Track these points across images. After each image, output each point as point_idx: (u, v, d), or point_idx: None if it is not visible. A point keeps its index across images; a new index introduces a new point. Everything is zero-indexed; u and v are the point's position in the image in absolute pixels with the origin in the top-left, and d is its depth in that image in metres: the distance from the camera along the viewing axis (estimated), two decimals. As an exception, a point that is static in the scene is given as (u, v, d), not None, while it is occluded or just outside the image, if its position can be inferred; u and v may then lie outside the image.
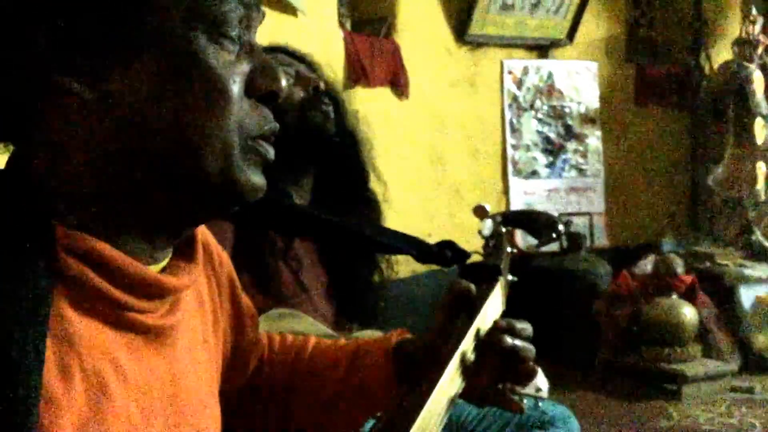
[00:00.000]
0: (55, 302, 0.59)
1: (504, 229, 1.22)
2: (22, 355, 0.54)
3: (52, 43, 0.62)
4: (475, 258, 1.20)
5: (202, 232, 0.80)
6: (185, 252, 0.74)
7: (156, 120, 0.63)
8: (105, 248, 0.62)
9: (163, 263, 0.70)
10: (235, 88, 0.66)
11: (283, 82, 0.71)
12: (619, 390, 3.49)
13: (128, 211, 0.65)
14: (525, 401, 1.38)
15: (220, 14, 0.66)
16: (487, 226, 1.18)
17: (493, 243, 1.18)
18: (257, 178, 0.69)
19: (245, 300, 0.93)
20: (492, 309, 0.95)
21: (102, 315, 0.62)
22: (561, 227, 1.33)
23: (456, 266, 1.30)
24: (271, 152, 0.71)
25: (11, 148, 0.68)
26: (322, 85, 1.51)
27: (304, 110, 1.48)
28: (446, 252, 1.26)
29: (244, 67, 0.68)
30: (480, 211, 1.20)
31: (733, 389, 3.48)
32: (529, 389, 2.63)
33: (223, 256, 0.88)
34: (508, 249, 1.17)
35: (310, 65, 1.59)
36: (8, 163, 0.66)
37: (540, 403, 2.25)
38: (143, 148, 0.64)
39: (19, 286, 0.57)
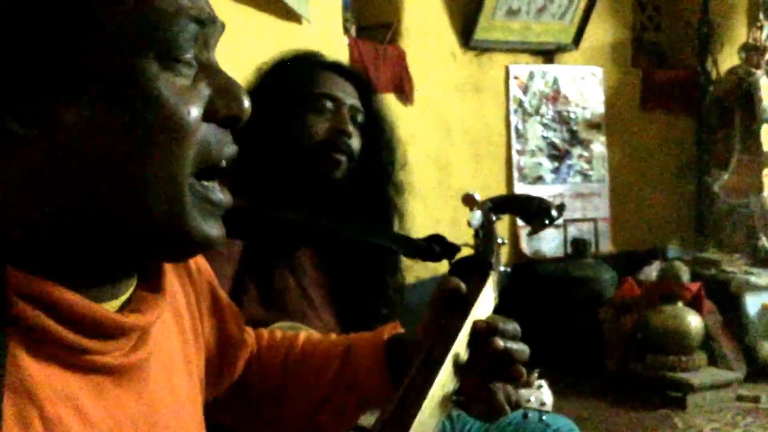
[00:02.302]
0: (11, 351, 0.56)
1: (495, 218, 1.18)
2: None
3: None
4: (466, 250, 1.17)
5: None
6: (151, 282, 0.70)
7: (101, 162, 0.59)
8: (59, 292, 0.59)
9: (125, 296, 0.67)
10: (192, 117, 0.61)
11: (246, 104, 0.65)
12: (624, 398, 3.47)
13: (78, 253, 0.62)
14: (530, 414, 1.36)
15: (171, 37, 0.60)
16: (476, 216, 1.14)
17: (483, 233, 1.14)
18: (212, 231, 0.64)
19: (225, 298, 0.91)
20: (484, 304, 0.93)
21: (61, 360, 0.59)
22: (554, 212, 1.29)
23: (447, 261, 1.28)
24: (225, 198, 0.66)
25: None
26: (349, 140, 1.50)
27: (319, 151, 1.48)
28: (435, 247, 1.24)
29: (203, 91, 0.63)
30: (469, 200, 1.16)
31: (739, 398, 3.46)
32: (534, 403, 2.61)
33: (199, 261, 0.86)
34: (499, 240, 1.14)
35: (365, 85, 1.59)
36: None
37: (544, 417, 2.23)
38: (87, 192, 0.60)
39: None
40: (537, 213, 1.28)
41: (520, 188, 4.21)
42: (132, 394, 0.66)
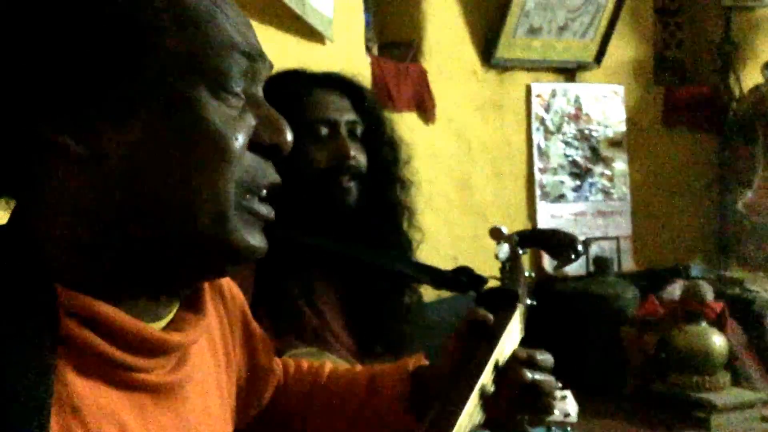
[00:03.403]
0: (58, 368, 0.58)
1: (521, 251, 1.19)
2: (26, 429, 0.53)
3: (43, 98, 0.60)
4: (493, 282, 1.18)
5: None
6: (192, 304, 0.72)
7: (150, 179, 0.61)
8: (106, 310, 0.61)
9: (168, 318, 0.69)
10: (238, 144, 0.64)
11: (289, 137, 0.69)
12: (647, 419, 3.43)
13: (125, 270, 0.64)
14: (553, 430, 1.35)
15: (223, 69, 0.64)
16: (503, 249, 1.16)
17: (510, 266, 1.16)
18: (255, 240, 0.67)
19: (257, 327, 0.92)
20: (511, 337, 0.94)
21: (106, 377, 0.61)
22: (580, 247, 1.31)
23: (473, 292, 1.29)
24: (270, 212, 0.69)
25: (13, 203, 0.66)
26: (353, 161, 1.49)
27: (325, 179, 1.47)
28: (462, 278, 1.25)
29: (249, 121, 0.66)
30: (496, 233, 1.18)
31: (764, 419, 3.41)
32: (558, 414, 2.59)
33: (233, 288, 0.88)
34: (526, 273, 1.15)
35: (356, 91, 1.57)
36: (10, 219, 0.65)
37: (568, 429, 2.21)
38: (136, 208, 0.62)
39: (23, 353, 0.55)
40: (563, 248, 1.29)
41: (542, 206, 4.20)
42: (171, 413, 0.67)
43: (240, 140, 0.64)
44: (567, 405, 2.46)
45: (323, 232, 1.40)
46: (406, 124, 3.47)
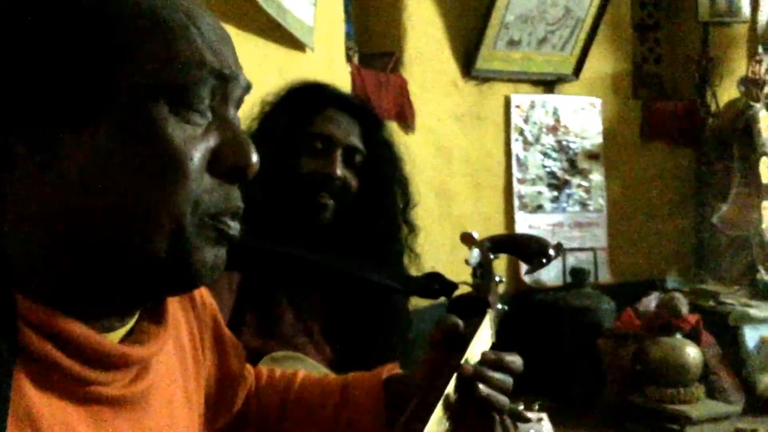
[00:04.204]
0: (16, 379, 0.57)
1: (493, 256, 1.19)
2: None
3: (2, 106, 0.58)
4: (465, 288, 1.18)
5: None
6: (154, 314, 0.71)
7: (103, 191, 0.60)
8: (65, 322, 0.60)
9: (127, 327, 0.67)
10: (194, 163, 0.62)
11: (254, 158, 0.66)
12: (623, 431, 3.45)
13: (82, 282, 0.62)
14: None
15: (188, 86, 0.62)
16: (474, 255, 1.15)
17: (481, 272, 1.15)
18: (213, 257, 0.65)
19: (228, 334, 0.92)
20: (482, 342, 0.94)
21: (64, 389, 0.60)
22: (552, 252, 1.31)
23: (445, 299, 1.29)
24: (234, 228, 0.66)
25: None
26: (338, 180, 1.49)
27: (305, 192, 1.47)
28: (433, 284, 1.25)
29: (211, 141, 0.64)
30: (467, 239, 1.17)
31: (737, 431, 3.44)
32: (531, 435, 2.54)
33: (204, 294, 0.87)
34: (497, 278, 1.15)
35: (370, 121, 1.56)
36: None
37: (544, 451, 2.20)
38: (91, 219, 0.61)
39: None
40: (535, 253, 1.29)
41: (521, 217, 4.22)
42: (131, 425, 0.66)
43: (197, 160, 0.62)
44: (543, 428, 2.46)
45: (299, 241, 1.40)
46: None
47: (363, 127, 1.55)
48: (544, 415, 2.28)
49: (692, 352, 3.51)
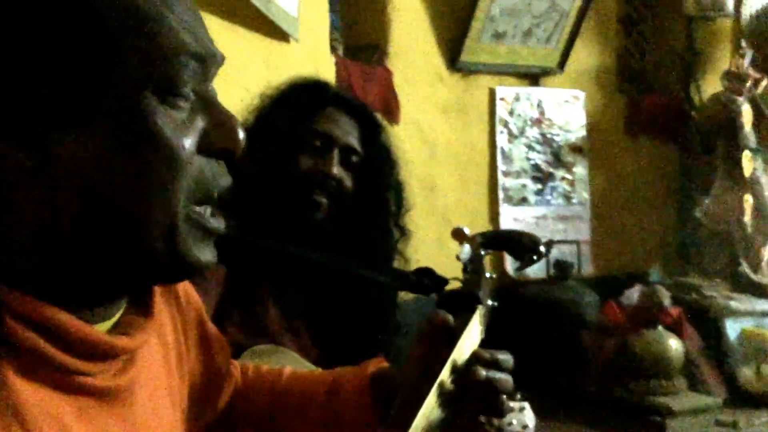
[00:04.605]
0: (0, 370, 0.57)
1: (483, 252, 1.20)
2: None
3: None
4: (455, 283, 1.18)
5: None
6: (141, 306, 0.71)
7: (99, 190, 0.61)
8: (51, 311, 0.60)
9: (115, 318, 0.68)
10: (186, 150, 0.63)
11: (241, 137, 0.67)
12: (606, 423, 3.47)
13: (74, 276, 0.63)
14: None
15: (172, 73, 0.63)
16: (465, 250, 1.16)
17: (472, 267, 1.16)
18: (203, 256, 0.66)
19: (213, 330, 0.92)
20: (471, 339, 0.94)
21: (49, 380, 0.60)
22: (542, 248, 1.32)
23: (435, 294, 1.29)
24: (219, 225, 0.67)
25: None
26: (333, 180, 1.49)
27: (301, 190, 1.47)
28: (423, 280, 1.25)
29: (198, 123, 0.65)
30: (458, 235, 1.18)
31: (718, 423, 3.46)
32: (516, 426, 2.60)
33: (189, 290, 0.87)
34: (488, 274, 1.15)
35: (369, 123, 1.56)
36: None
37: (526, 439, 2.22)
38: (86, 218, 0.61)
39: None
40: (526, 249, 1.30)
41: (505, 210, 4.23)
42: (117, 417, 0.66)
43: (188, 145, 0.63)
44: (525, 417, 2.48)
45: (292, 238, 1.40)
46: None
47: (362, 129, 1.56)
48: (526, 404, 2.30)
49: (674, 345, 3.54)
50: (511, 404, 1.99)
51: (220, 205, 0.68)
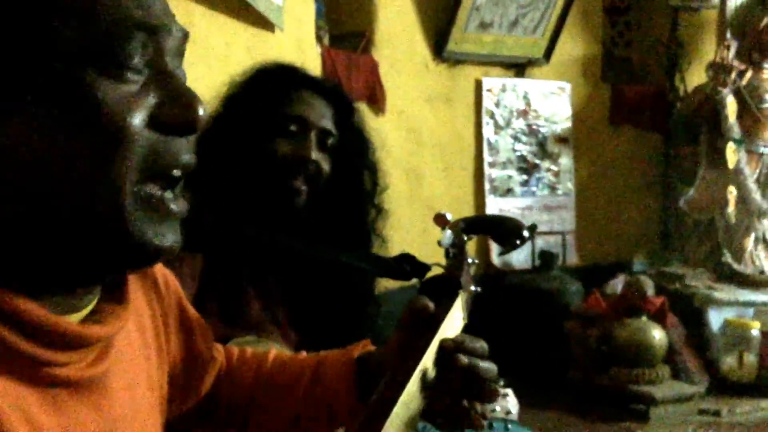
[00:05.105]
0: None
1: (466, 238, 1.19)
2: None
3: None
4: (437, 269, 1.18)
5: None
6: (114, 294, 0.69)
7: (42, 167, 0.58)
8: (18, 301, 0.58)
9: (87, 309, 0.66)
10: (132, 122, 0.60)
11: (200, 111, 0.64)
12: (589, 411, 3.49)
13: (36, 262, 0.61)
14: (495, 425, 1.37)
15: (115, 46, 0.60)
16: (447, 236, 1.14)
17: (454, 253, 1.15)
18: (164, 239, 0.63)
19: (195, 315, 0.90)
20: (453, 324, 0.94)
21: (18, 372, 0.58)
22: (525, 233, 1.30)
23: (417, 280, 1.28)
24: (178, 207, 0.64)
25: None
26: (312, 165, 1.47)
27: (280, 177, 1.45)
28: (405, 266, 1.24)
29: (150, 97, 0.62)
30: (440, 220, 1.16)
31: (701, 412, 3.50)
32: (499, 412, 2.61)
33: (168, 276, 0.85)
34: (470, 260, 1.15)
35: (342, 104, 1.55)
36: None
37: (510, 426, 2.23)
38: (32, 198, 0.59)
39: None
40: (509, 234, 1.29)
41: (491, 201, 4.24)
42: (91, 407, 0.65)
43: (136, 119, 0.60)
44: (508, 402, 2.50)
45: (271, 225, 1.39)
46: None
47: (335, 111, 1.54)
48: (509, 391, 2.31)
49: (657, 334, 3.56)
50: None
51: (182, 183, 0.65)
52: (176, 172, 0.64)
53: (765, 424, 3.44)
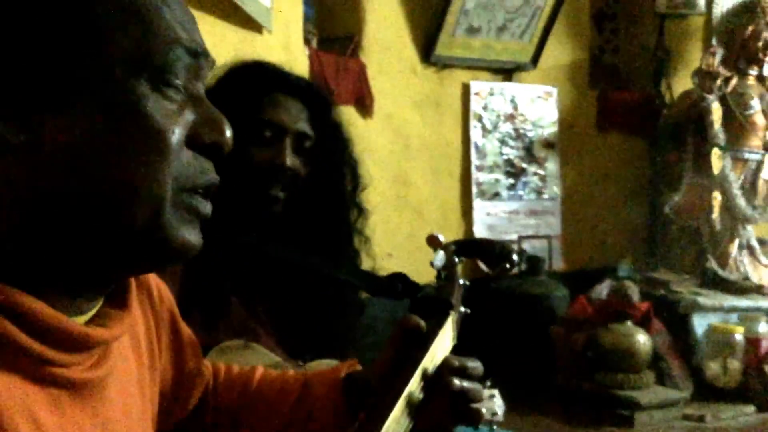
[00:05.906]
0: None
1: (457, 260, 1.20)
2: None
3: None
4: (429, 289, 1.18)
5: None
6: (117, 298, 0.70)
7: (87, 171, 0.60)
8: (27, 300, 0.59)
9: (92, 312, 0.67)
10: (175, 138, 0.63)
11: (228, 134, 0.68)
12: (574, 416, 3.50)
13: (52, 262, 0.62)
14: (480, 428, 1.37)
15: (166, 63, 0.63)
16: (439, 257, 1.16)
17: (445, 274, 1.16)
18: (190, 237, 0.66)
19: (186, 330, 0.91)
20: (442, 345, 0.94)
21: (22, 370, 0.59)
22: (515, 257, 1.32)
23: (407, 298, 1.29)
24: (207, 208, 0.68)
25: None
26: (288, 171, 1.45)
27: (256, 184, 1.43)
28: (397, 285, 1.25)
29: (188, 116, 0.65)
30: (433, 241, 1.18)
31: (685, 417, 3.52)
32: (485, 414, 2.59)
33: (162, 288, 0.86)
34: (461, 281, 1.16)
35: (319, 103, 1.52)
36: None
37: (495, 427, 2.23)
38: (72, 199, 0.61)
39: None
40: (499, 258, 1.30)
41: (478, 204, 4.24)
42: (88, 410, 0.65)
43: (177, 134, 0.64)
44: (494, 404, 2.50)
45: (249, 231, 1.37)
46: (344, 118, 3.46)
47: (311, 111, 1.51)
48: (495, 392, 2.31)
49: (642, 339, 3.58)
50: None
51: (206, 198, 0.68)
52: (201, 191, 0.67)
53: (749, 430, 3.46)
